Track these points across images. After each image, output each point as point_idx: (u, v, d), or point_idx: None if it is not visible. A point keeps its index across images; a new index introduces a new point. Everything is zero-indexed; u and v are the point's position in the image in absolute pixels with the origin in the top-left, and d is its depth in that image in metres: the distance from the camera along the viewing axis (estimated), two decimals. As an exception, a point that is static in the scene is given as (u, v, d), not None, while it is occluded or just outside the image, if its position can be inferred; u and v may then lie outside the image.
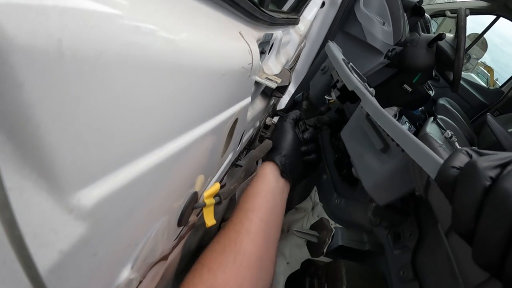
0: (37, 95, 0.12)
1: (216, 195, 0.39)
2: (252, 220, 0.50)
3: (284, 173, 0.60)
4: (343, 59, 0.71)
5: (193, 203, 0.35)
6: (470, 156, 0.28)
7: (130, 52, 0.16)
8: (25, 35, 0.11)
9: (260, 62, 0.51)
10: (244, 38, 0.38)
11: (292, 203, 1.02)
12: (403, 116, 1.86)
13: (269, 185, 0.57)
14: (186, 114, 0.25)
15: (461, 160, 0.27)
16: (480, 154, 0.27)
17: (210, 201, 0.37)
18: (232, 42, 0.33)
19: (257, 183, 0.57)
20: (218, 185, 0.39)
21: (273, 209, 0.55)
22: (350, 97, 0.67)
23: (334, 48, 0.78)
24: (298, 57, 1.14)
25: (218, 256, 0.44)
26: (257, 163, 0.54)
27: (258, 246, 0.48)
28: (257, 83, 0.52)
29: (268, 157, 0.62)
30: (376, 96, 0.71)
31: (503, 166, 0.24)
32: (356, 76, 0.64)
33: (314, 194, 1.01)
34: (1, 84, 0.11)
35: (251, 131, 0.67)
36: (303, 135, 0.67)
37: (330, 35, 1.29)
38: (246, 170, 0.51)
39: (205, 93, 0.27)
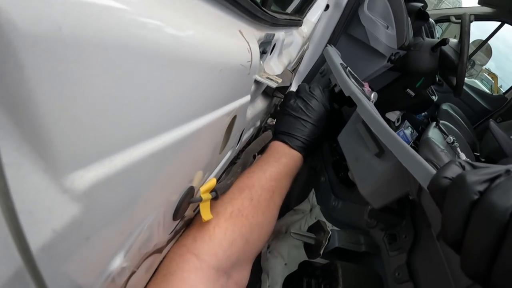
0: (37, 77, 0.12)
1: (213, 190, 0.39)
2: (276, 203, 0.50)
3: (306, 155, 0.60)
4: (341, 64, 0.71)
5: (189, 198, 0.35)
6: (463, 168, 0.28)
7: (129, 42, 0.17)
8: (28, 21, 0.12)
9: (260, 62, 0.51)
10: (243, 36, 0.39)
11: (290, 204, 1.02)
12: (406, 120, 1.85)
13: (293, 170, 0.57)
14: (183, 105, 0.25)
15: (453, 171, 0.28)
16: (473, 166, 0.28)
17: (207, 196, 0.38)
18: (231, 39, 0.34)
19: (281, 166, 0.55)
20: (214, 180, 0.40)
21: (287, 188, 0.56)
22: (347, 101, 0.68)
23: (333, 53, 0.78)
24: (301, 59, 1.14)
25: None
26: (254, 156, 0.54)
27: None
28: (257, 82, 0.52)
29: (290, 136, 0.60)
30: (379, 100, 0.71)
31: (492, 180, 0.24)
32: (353, 81, 0.65)
33: (312, 196, 1.02)
34: (4, 65, 0.11)
35: (251, 130, 0.68)
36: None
37: (333, 38, 1.29)
38: (242, 164, 0.51)
39: (202, 86, 0.28)
